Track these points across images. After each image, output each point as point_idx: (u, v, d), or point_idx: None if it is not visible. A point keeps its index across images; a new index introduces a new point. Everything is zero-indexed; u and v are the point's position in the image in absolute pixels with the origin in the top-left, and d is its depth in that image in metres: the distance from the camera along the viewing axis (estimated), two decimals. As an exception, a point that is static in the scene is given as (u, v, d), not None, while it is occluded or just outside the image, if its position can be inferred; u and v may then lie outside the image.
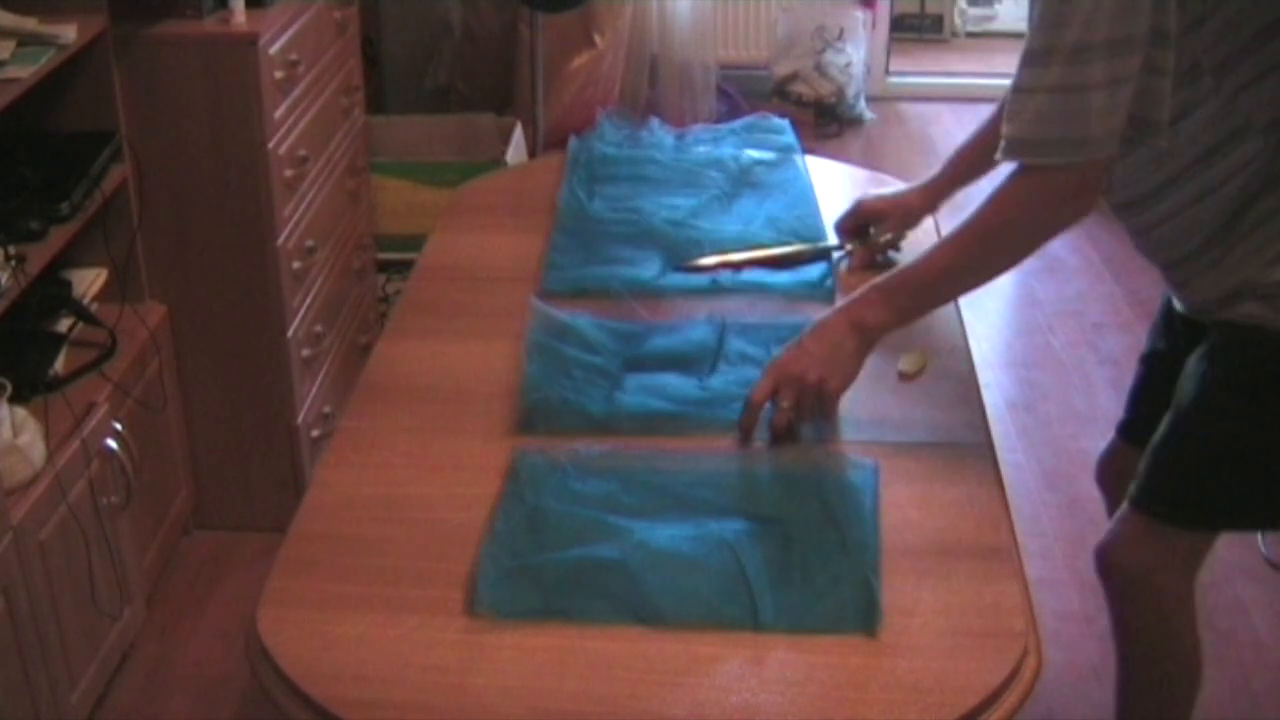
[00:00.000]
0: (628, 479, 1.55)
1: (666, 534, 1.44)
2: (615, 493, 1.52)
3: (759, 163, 2.38)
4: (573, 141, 2.46)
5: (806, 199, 2.26)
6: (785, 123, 2.53)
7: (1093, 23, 1.44)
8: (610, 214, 2.20)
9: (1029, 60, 1.50)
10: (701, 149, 2.44)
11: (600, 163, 2.38)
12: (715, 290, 2.01)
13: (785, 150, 2.43)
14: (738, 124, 2.55)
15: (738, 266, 2.05)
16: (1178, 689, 1.86)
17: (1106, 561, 1.83)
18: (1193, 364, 1.71)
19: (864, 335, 1.64)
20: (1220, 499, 1.73)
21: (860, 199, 2.12)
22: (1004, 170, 1.59)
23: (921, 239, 2.17)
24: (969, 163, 2.02)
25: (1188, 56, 1.52)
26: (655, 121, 2.54)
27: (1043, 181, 1.53)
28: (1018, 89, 1.51)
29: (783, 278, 2.03)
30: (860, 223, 2.10)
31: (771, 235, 2.13)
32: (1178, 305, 1.81)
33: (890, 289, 1.65)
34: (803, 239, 2.12)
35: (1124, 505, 1.79)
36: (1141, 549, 1.78)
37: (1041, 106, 1.48)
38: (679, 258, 2.08)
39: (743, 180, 2.32)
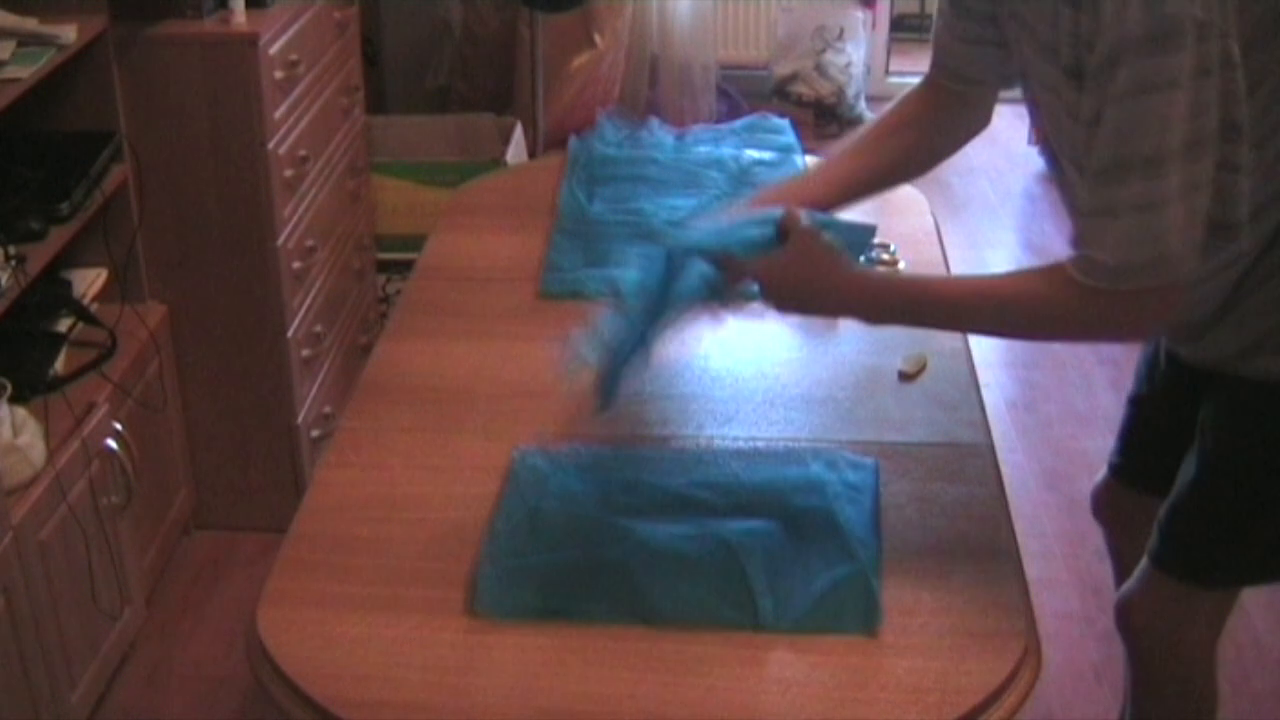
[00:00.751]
0: (627, 480, 1.55)
1: (666, 534, 1.44)
2: (615, 493, 1.52)
3: (759, 163, 2.38)
4: (573, 142, 2.46)
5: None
6: (785, 123, 2.53)
7: (1168, 128, 1.28)
8: (610, 215, 2.20)
9: (1104, 178, 1.33)
10: (702, 149, 2.44)
11: (600, 163, 2.38)
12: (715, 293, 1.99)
13: (785, 150, 2.43)
14: (738, 124, 2.55)
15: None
16: None
17: (1128, 620, 1.77)
18: (1210, 419, 1.64)
19: (845, 314, 1.57)
20: (1244, 557, 1.67)
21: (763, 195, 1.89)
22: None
23: (922, 240, 2.17)
24: (853, 183, 1.75)
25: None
26: (655, 122, 2.54)
27: (1122, 302, 1.35)
28: (1094, 211, 1.35)
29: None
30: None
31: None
32: (1184, 356, 1.71)
33: (897, 301, 1.51)
34: None
35: (1144, 561, 1.73)
36: (1164, 608, 1.73)
37: (1126, 228, 1.32)
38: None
39: (743, 180, 2.32)
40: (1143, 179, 1.29)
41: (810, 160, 2.43)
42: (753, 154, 2.41)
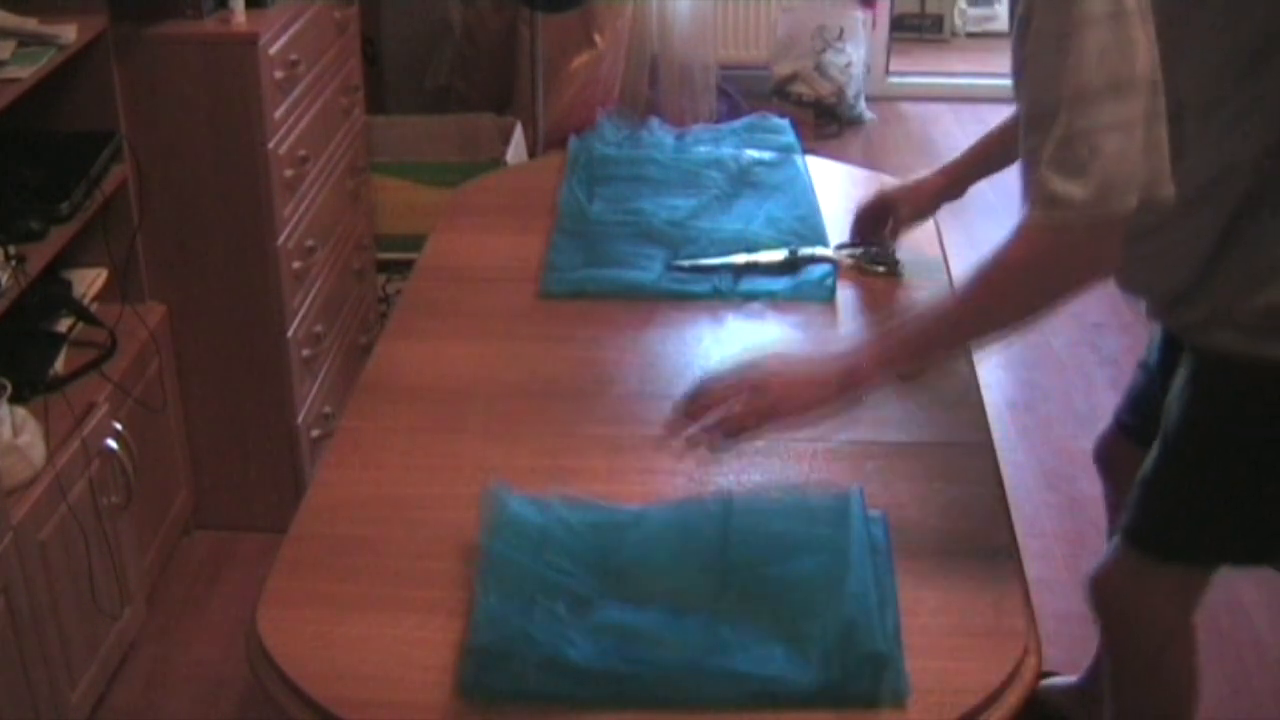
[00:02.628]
0: (620, 565, 1.43)
1: (677, 644, 1.33)
2: (609, 576, 1.42)
3: (759, 163, 2.38)
4: (573, 142, 2.46)
5: (807, 199, 2.26)
6: (785, 123, 2.53)
7: (1087, 66, 1.34)
8: (610, 215, 2.20)
9: (1034, 121, 1.39)
10: (701, 149, 2.44)
11: (600, 163, 2.38)
12: (716, 296, 2.00)
13: (785, 150, 2.43)
14: (738, 124, 2.55)
15: (738, 271, 2.05)
16: (1170, 716, 1.84)
17: (1099, 593, 1.81)
18: (1175, 392, 1.69)
19: (849, 390, 1.50)
20: (1205, 532, 1.70)
21: (881, 191, 2.10)
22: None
23: (922, 240, 2.17)
24: (990, 154, 1.98)
25: (1172, 100, 1.43)
26: (655, 121, 2.54)
27: (1059, 239, 1.39)
28: (1030, 151, 1.40)
29: (783, 282, 2.03)
30: (880, 212, 2.08)
31: (771, 234, 2.13)
32: (1167, 326, 1.80)
33: (889, 349, 1.51)
34: (803, 239, 2.12)
35: (1116, 536, 1.78)
36: (1130, 582, 1.77)
37: (1066, 160, 1.36)
38: (679, 257, 2.08)
39: (743, 180, 2.32)
40: (1067, 114, 1.34)
41: (810, 160, 2.43)
42: (753, 154, 2.41)
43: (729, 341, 1.91)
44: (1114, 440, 2.05)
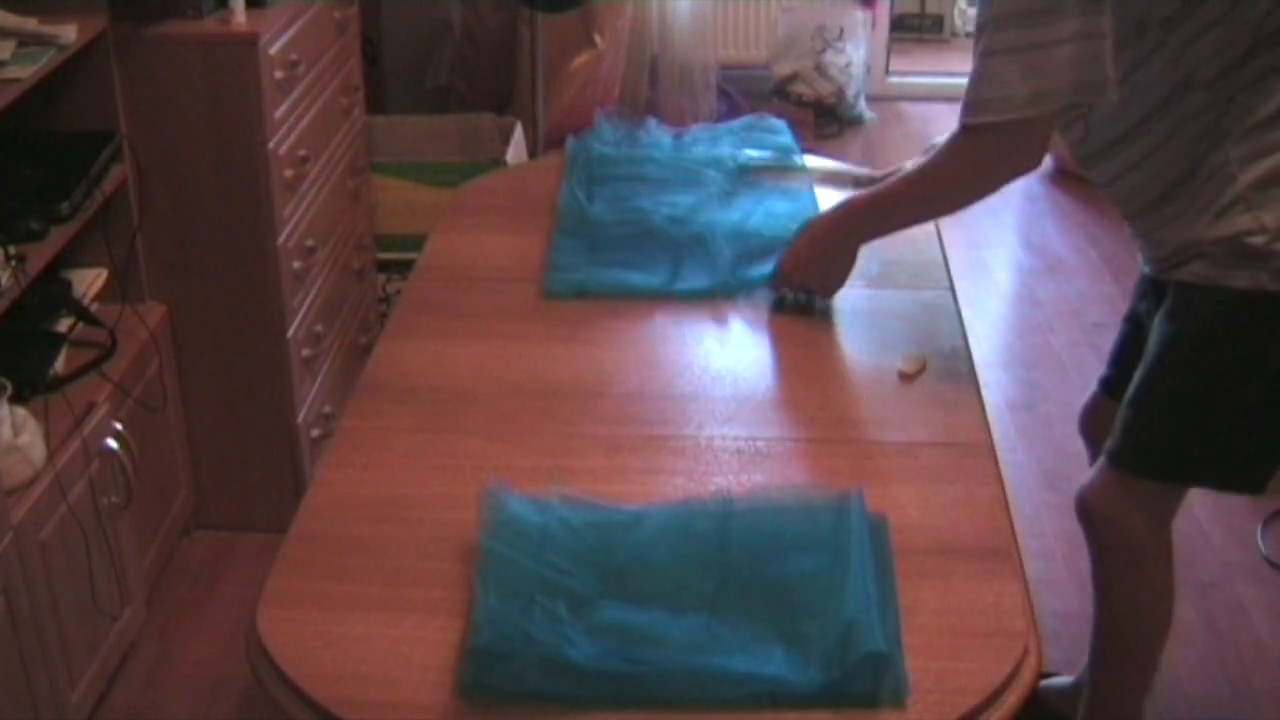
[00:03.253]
0: (620, 565, 1.43)
1: (684, 646, 1.33)
2: (609, 575, 1.42)
3: (757, 162, 2.38)
4: (570, 142, 2.46)
5: (806, 195, 2.26)
6: (783, 124, 2.54)
7: None
8: (610, 215, 2.20)
9: (979, 34, 1.65)
10: (699, 149, 2.44)
11: (599, 163, 2.38)
12: (718, 293, 2.00)
13: (783, 150, 2.43)
14: (735, 124, 2.55)
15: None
16: (1147, 626, 1.97)
17: (1084, 508, 1.93)
18: (1156, 322, 1.80)
19: (851, 240, 1.92)
20: (1182, 453, 1.82)
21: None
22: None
23: (922, 240, 2.17)
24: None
25: (1135, 12, 1.62)
26: (652, 122, 2.54)
27: (985, 140, 1.69)
28: (975, 65, 1.66)
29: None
30: None
31: (770, 226, 2.13)
32: (1143, 265, 1.90)
33: (861, 211, 1.90)
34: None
35: (1101, 457, 1.89)
36: (1113, 498, 1.88)
37: (982, 69, 1.63)
38: (681, 256, 2.07)
39: (741, 179, 2.32)
40: (991, 31, 1.60)
41: (809, 160, 2.43)
42: (751, 153, 2.41)
43: (730, 342, 1.91)
44: (1095, 404, 2.17)
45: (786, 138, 2.49)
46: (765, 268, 2.02)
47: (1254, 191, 1.64)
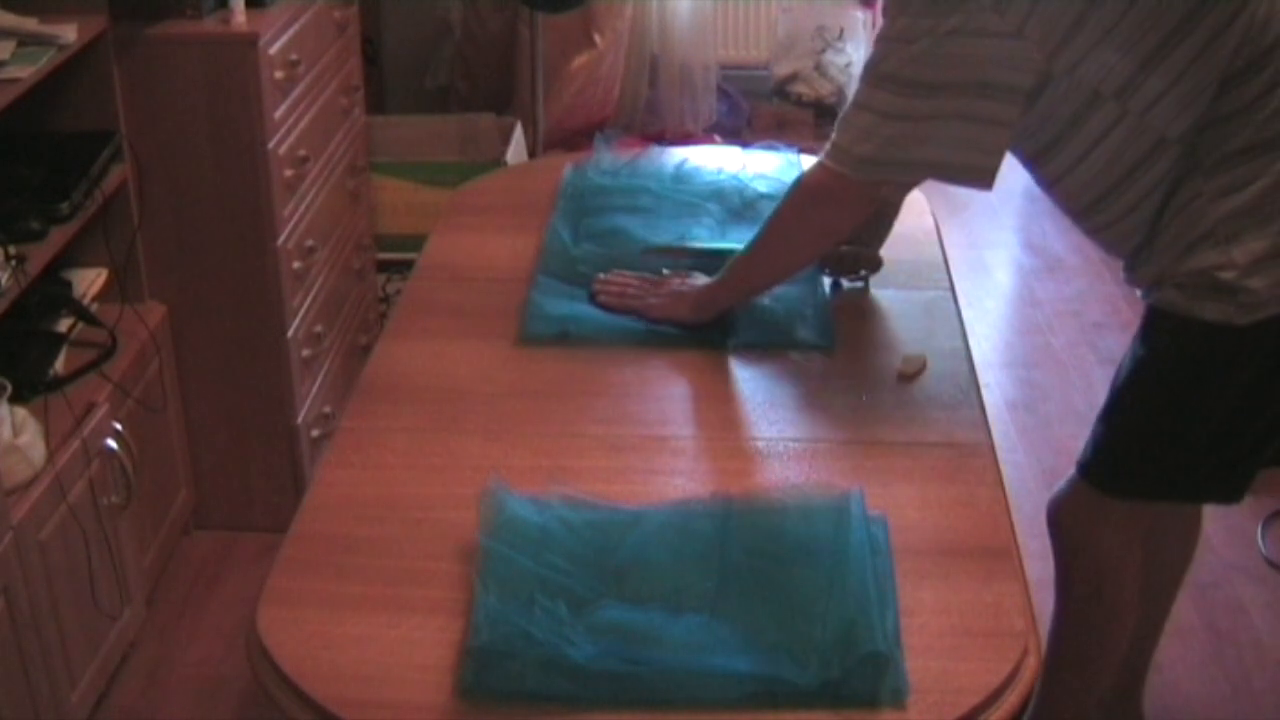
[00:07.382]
0: (619, 565, 1.43)
1: (682, 645, 1.33)
2: (608, 575, 1.41)
3: (765, 196, 2.23)
4: (567, 170, 2.37)
5: None
6: (797, 158, 2.39)
7: (910, 61, 1.63)
8: (595, 253, 2.09)
9: (860, 82, 1.73)
10: (704, 179, 2.32)
11: (593, 193, 2.28)
12: (707, 346, 1.89)
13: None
14: (748, 148, 2.46)
15: (697, 254, 2.04)
16: (1104, 634, 1.99)
17: (1054, 519, 1.95)
18: (1131, 342, 1.82)
19: (701, 311, 1.92)
20: (1149, 472, 1.83)
21: None
22: None
23: (922, 240, 2.17)
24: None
25: (1084, 87, 1.63)
26: (656, 148, 2.48)
27: (828, 181, 1.79)
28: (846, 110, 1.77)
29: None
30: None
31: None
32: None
33: (715, 295, 1.92)
34: None
35: (1073, 469, 1.91)
36: (1081, 512, 1.91)
37: (855, 123, 1.72)
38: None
39: (743, 215, 2.19)
40: (865, 88, 1.69)
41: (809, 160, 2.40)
42: (759, 186, 2.28)
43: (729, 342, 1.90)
44: None
45: (797, 170, 2.31)
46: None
47: (1224, 226, 1.63)
